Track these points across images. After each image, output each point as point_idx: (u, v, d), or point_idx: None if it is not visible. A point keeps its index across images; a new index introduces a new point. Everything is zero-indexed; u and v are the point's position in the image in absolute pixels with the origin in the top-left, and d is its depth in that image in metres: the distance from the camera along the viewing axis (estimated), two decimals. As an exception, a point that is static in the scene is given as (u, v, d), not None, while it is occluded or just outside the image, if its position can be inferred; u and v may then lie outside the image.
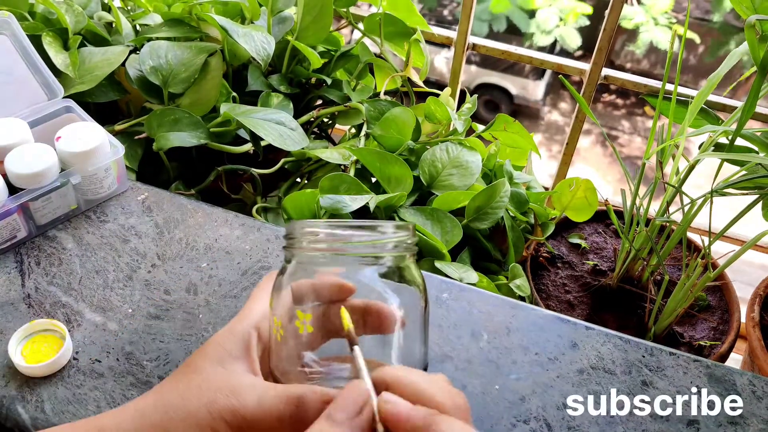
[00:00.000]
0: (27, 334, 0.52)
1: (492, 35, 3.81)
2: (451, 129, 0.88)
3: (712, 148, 0.74)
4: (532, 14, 3.77)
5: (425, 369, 0.40)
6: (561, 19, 3.68)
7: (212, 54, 0.80)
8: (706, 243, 0.75)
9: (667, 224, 0.81)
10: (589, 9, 3.65)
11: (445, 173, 0.81)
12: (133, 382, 0.50)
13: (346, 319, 0.34)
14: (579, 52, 3.88)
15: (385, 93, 0.92)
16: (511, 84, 3.80)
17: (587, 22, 3.70)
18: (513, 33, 3.86)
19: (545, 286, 0.89)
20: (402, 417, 0.29)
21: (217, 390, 0.35)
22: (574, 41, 3.69)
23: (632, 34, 3.67)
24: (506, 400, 0.50)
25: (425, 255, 0.73)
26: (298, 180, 0.87)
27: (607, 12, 1.00)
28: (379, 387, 0.32)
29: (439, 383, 0.32)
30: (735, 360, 1.06)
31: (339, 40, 0.97)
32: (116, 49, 0.78)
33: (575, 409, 0.50)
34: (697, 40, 3.38)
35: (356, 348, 0.33)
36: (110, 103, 0.82)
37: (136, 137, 0.77)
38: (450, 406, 0.30)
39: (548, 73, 3.80)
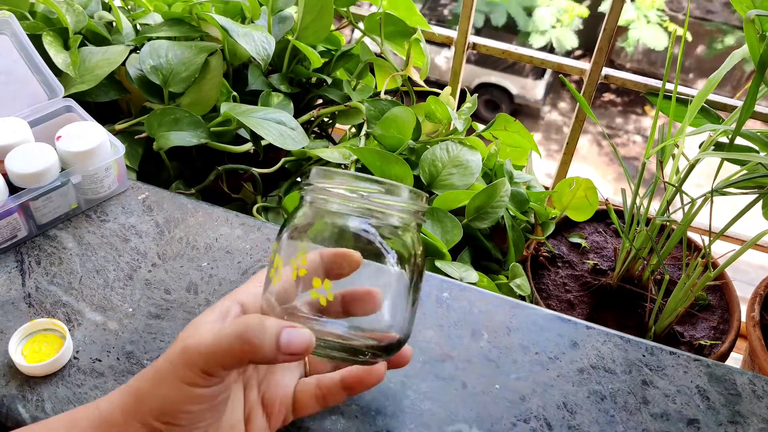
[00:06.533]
0: (27, 334, 0.52)
1: (490, 28, 3.80)
2: (451, 128, 0.88)
3: (712, 147, 0.74)
4: (530, 12, 3.77)
5: (407, 338, 0.41)
6: (558, 20, 3.68)
7: (212, 53, 0.80)
8: (706, 242, 0.75)
9: (668, 224, 0.81)
10: (585, 11, 3.65)
11: (445, 173, 0.81)
12: (133, 382, 0.50)
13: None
14: (579, 52, 3.88)
15: (386, 92, 0.92)
16: (512, 83, 3.80)
17: (581, 27, 3.70)
18: (511, 29, 3.85)
19: (545, 285, 0.89)
20: None
21: (178, 342, 0.37)
22: (569, 43, 3.69)
23: (620, 30, 3.68)
24: (506, 400, 0.50)
25: (426, 255, 0.73)
26: (299, 179, 0.87)
27: (607, 12, 1.00)
28: None
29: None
30: (735, 359, 1.06)
31: (339, 39, 0.97)
32: (116, 49, 0.78)
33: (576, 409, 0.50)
34: (689, 38, 3.38)
35: None
36: (110, 103, 0.82)
37: (137, 137, 0.77)
38: None
39: (548, 72, 3.80)
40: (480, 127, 0.92)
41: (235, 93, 0.82)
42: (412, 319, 0.41)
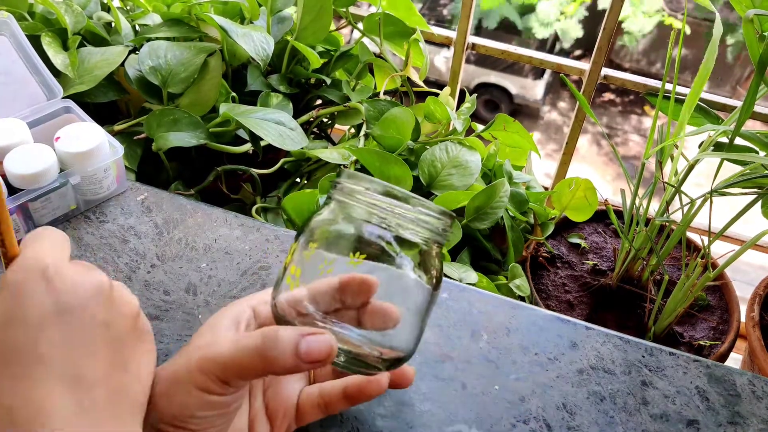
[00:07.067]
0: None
1: (483, 32, 3.80)
2: (450, 129, 0.88)
3: (712, 147, 0.74)
4: (524, 12, 3.77)
5: (411, 355, 0.41)
6: (562, 13, 3.68)
7: (211, 54, 0.80)
8: (706, 243, 0.75)
9: (667, 224, 0.81)
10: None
11: (444, 173, 0.81)
12: (132, 383, 0.50)
13: None
14: (578, 51, 3.88)
15: (385, 93, 0.92)
16: (511, 83, 3.80)
17: (584, 19, 3.69)
18: (507, 30, 3.85)
19: (545, 286, 0.89)
20: None
21: (196, 348, 0.37)
22: (574, 33, 3.69)
23: (619, 30, 3.68)
24: (506, 401, 0.50)
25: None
26: (298, 180, 0.87)
27: (606, 11, 1.00)
28: None
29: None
30: (735, 360, 1.06)
31: (338, 40, 0.97)
32: (115, 49, 0.78)
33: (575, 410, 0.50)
34: (688, 30, 3.38)
35: None
36: (109, 104, 0.82)
37: (136, 137, 0.77)
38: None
39: (548, 72, 3.81)
40: (479, 127, 0.91)
41: (234, 93, 0.82)
42: (420, 337, 0.41)
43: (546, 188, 1.06)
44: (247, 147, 0.81)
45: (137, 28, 0.87)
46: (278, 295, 0.39)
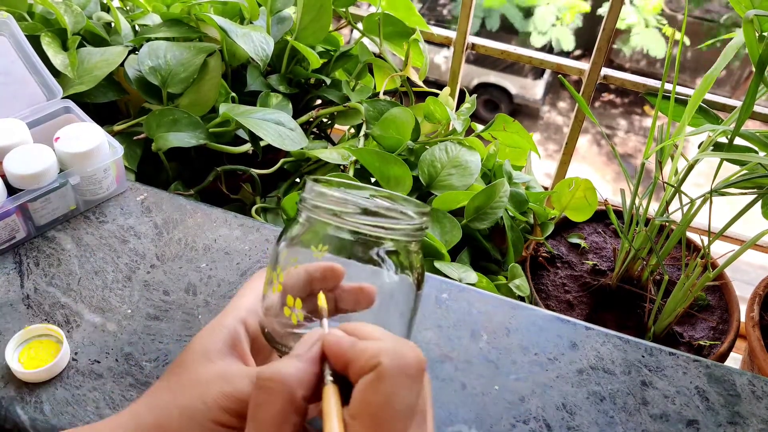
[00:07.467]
0: (23, 341, 0.51)
1: (484, 33, 3.80)
2: (450, 129, 0.88)
3: (712, 147, 0.74)
4: (527, 13, 3.77)
5: None
6: (558, 18, 3.69)
7: (211, 54, 0.80)
8: (706, 243, 0.75)
9: (667, 224, 0.81)
10: (587, 6, 3.65)
11: (444, 173, 0.81)
12: (132, 383, 0.50)
13: (322, 299, 0.36)
14: (578, 52, 3.88)
15: (385, 93, 0.92)
16: (511, 83, 3.80)
17: (581, 24, 3.70)
18: (507, 31, 3.84)
19: (545, 286, 0.89)
20: (333, 344, 0.32)
21: (208, 382, 0.36)
22: (567, 44, 3.70)
23: (620, 33, 3.68)
24: (506, 401, 0.50)
25: (425, 255, 0.73)
26: (298, 180, 0.87)
27: (606, 11, 1.00)
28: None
29: (389, 334, 0.34)
30: (734, 359, 1.06)
31: (338, 40, 0.97)
32: (115, 50, 0.78)
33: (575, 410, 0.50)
34: (687, 42, 3.38)
35: (325, 320, 0.36)
36: (109, 104, 0.82)
37: (135, 138, 0.77)
38: (390, 343, 0.32)
39: (548, 72, 3.81)
40: (479, 127, 0.91)
41: (233, 94, 0.82)
42: (409, 336, 0.41)
43: (546, 188, 1.06)
44: (247, 147, 0.80)
45: (137, 28, 0.87)
46: (266, 321, 0.39)
